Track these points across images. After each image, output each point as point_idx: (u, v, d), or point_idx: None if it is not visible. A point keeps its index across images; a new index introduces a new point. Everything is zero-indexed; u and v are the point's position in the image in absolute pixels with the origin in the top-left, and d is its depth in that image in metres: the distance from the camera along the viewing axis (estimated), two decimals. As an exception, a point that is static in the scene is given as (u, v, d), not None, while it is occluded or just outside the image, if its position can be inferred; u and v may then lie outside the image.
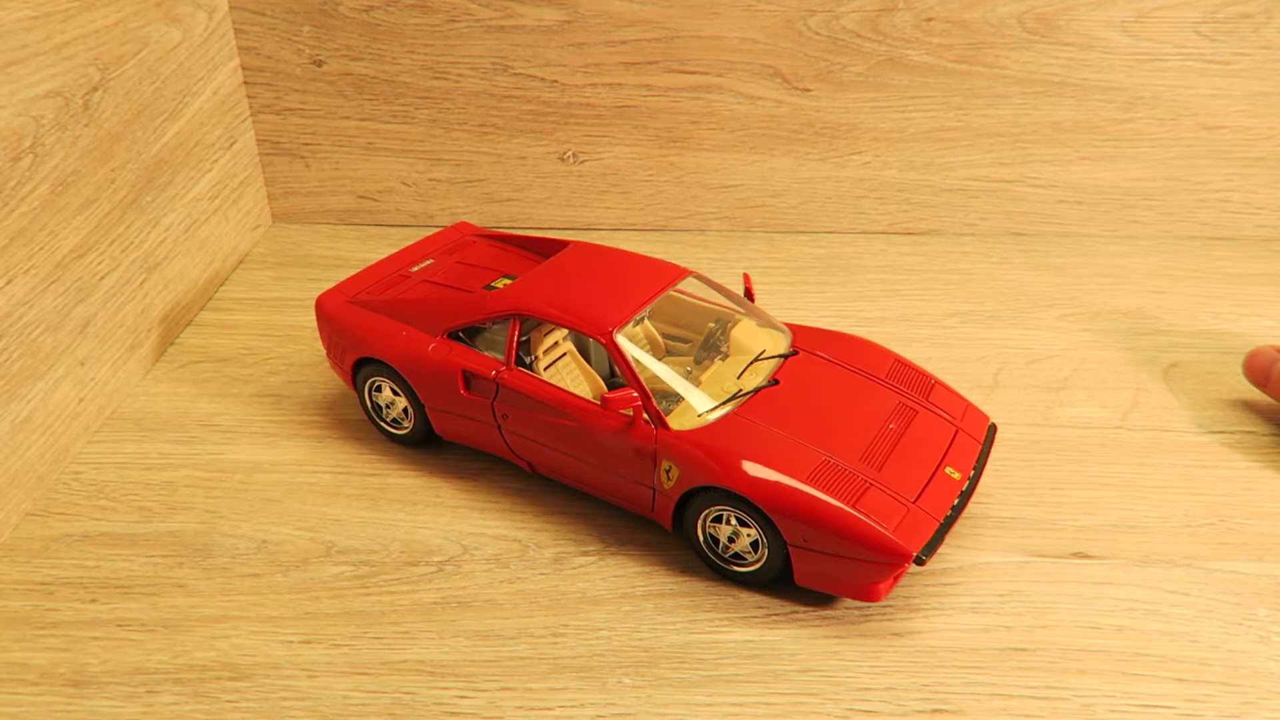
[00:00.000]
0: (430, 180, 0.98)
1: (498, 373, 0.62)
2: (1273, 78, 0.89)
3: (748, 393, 0.59)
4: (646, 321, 0.66)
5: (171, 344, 0.81)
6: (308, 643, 0.55)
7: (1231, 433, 0.70)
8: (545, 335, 0.63)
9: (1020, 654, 0.54)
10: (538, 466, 0.64)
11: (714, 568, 0.58)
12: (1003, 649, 0.54)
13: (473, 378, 0.63)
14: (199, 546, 0.61)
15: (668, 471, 0.57)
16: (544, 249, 0.74)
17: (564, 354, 0.64)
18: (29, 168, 0.64)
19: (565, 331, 0.64)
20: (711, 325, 0.65)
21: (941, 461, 0.57)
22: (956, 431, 0.60)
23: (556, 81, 0.92)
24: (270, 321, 0.84)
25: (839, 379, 0.62)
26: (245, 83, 0.93)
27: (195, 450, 0.69)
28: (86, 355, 0.70)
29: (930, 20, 0.88)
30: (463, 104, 0.94)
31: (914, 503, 0.54)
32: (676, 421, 0.57)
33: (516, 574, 0.59)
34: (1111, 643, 0.54)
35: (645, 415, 0.57)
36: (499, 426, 0.63)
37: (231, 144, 0.91)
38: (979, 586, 0.58)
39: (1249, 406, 0.72)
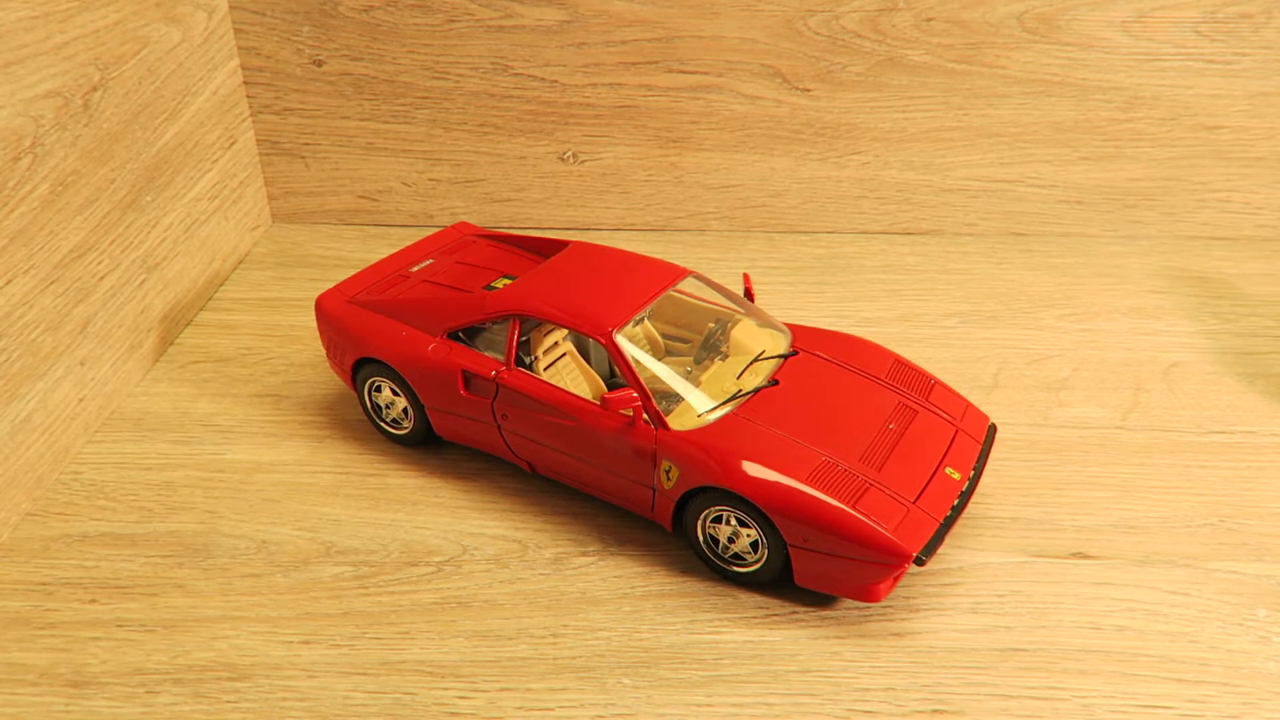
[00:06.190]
0: (430, 180, 0.98)
1: (497, 373, 0.62)
2: (1273, 78, 0.89)
3: (747, 393, 0.59)
4: (646, 321, 0.66)
5: (171, 344, 0.81)
6: (307, 643, 0.55)
7: (1231, 433, 0.70)
8: (545, 335, 0.63)
9: (1020, 654, 0.54)
10: (538, 467, 0.64)
11: (714, 568, 0.58)
12: (1003, 649, 0.54)
13: (472, 378, 0.63)
14: (199, 546, 0.61)
15: (667, 472, 0.57)
16: (544, 249, 0.74)
17: (564, 354, 0.64)
18: (29, 168, 0.64)
19: (565, 331, 0.64)
20: (711, 325, 0.65)
21: (941, 462, 0.57)
22: (956, 432, 0.60)
23: (556, 81, 0.92)
24: (270, 321, 0.84)
25: (839, 379, 0.62)
26: (245, 83, 0.93)
27: (195, 450, 0.69)
28: (86, 355, 0.70)
29: (930, 20, 0.88)
30: (463, 104, 0.94)
31: (914, 503, 0.54)
32: (676, 422, 0.57)
33: (516, 574, 0.59)
34: (1111, 643, 0.54)
35: (645, 415, 0.57)
36: (499, 427, 0.63)
37: (231, 144, 0.91)
38: (979, 586, 0.58)
39: (1249, 407, 0.72)
